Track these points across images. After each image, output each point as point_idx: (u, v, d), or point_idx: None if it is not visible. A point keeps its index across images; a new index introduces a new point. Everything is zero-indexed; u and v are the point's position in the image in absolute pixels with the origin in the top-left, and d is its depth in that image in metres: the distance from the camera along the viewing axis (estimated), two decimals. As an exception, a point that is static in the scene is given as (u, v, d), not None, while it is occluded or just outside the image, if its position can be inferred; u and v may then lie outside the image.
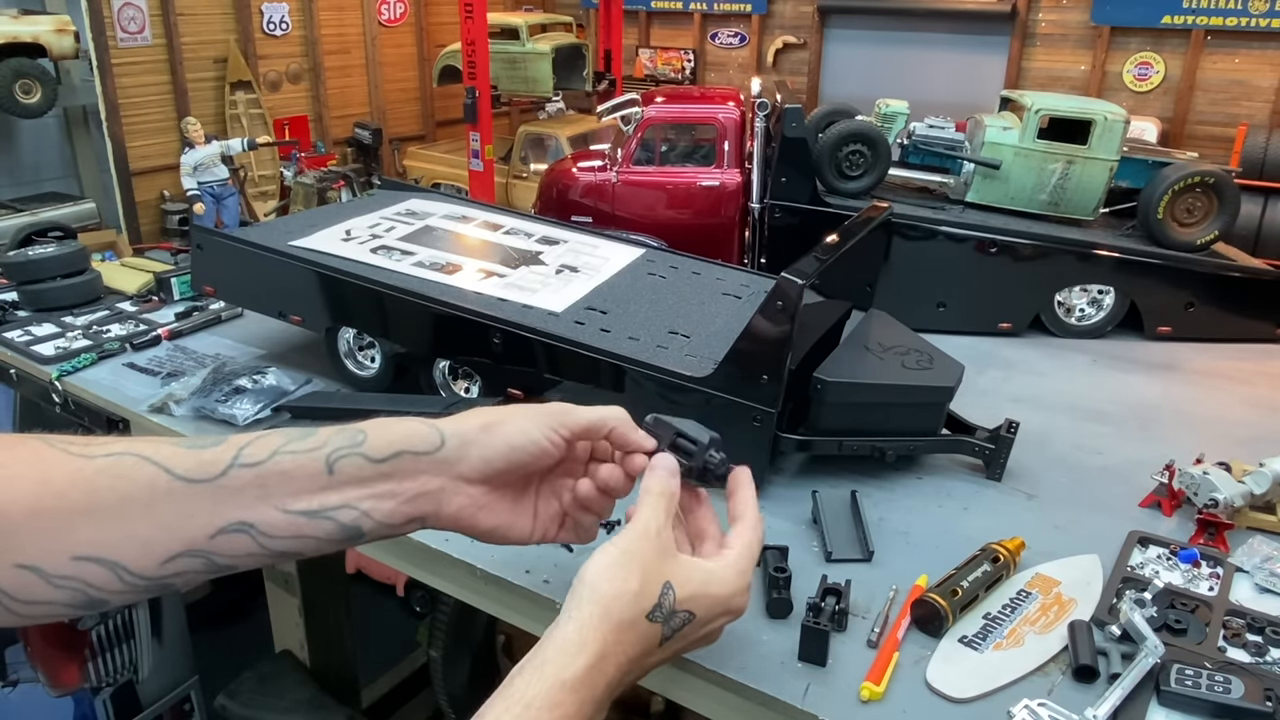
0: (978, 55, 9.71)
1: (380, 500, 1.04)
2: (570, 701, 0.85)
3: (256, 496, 0.98)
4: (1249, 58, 8.50)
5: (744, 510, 1.16)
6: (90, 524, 0.91)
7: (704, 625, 1.04)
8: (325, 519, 1.02)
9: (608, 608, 0.93)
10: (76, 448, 0.94)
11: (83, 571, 0.91)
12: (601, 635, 0.91)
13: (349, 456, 1.03)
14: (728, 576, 1.07)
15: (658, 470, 1.11)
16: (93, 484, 0.92)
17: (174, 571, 0.96)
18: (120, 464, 0.94)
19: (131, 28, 8.68)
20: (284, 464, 1.00)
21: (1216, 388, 2.66)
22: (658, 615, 0.97)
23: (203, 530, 0.96)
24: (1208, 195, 3.01)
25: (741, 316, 2.04)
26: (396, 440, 1.05)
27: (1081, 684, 1.41)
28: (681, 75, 11.45)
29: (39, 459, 0.92)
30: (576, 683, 0.86)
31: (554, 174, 3.94)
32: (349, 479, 1.02)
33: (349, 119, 10.69)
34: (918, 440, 2.02)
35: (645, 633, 0.96)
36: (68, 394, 2.50)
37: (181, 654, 3.66)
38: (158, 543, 0.94)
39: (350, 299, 2.27)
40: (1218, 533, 1.80)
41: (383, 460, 1.04)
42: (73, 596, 0.92)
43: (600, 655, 0.90)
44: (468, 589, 1.75)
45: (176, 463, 0.96)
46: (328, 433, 1.04)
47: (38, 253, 3.03)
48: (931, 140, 3.30)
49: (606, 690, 0.90)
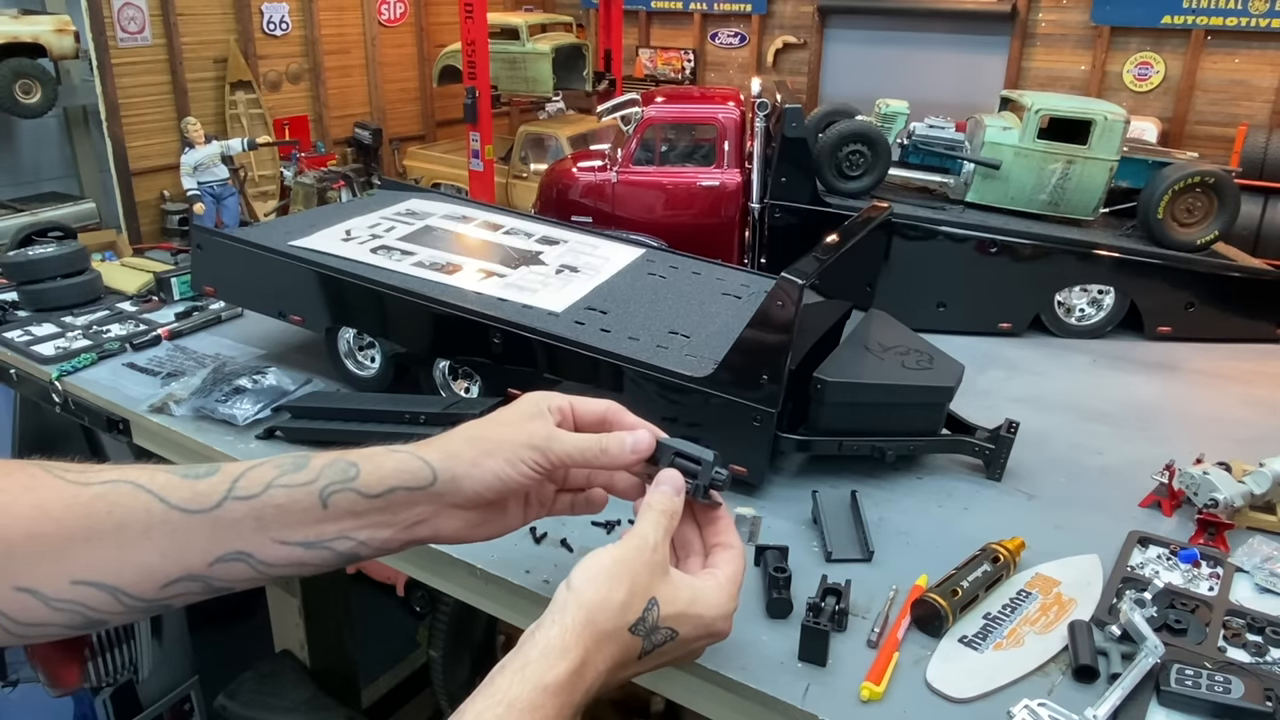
0: (978, 55, 9.70)
1: (376, 530, 1.07)
2: (551, 705, 0.86)
3: (253, 529, 1.00)
4: (1249, 58, 8.50)
5: (730, 538, 1.16)
6: (88, 549, 0.92)
7: (686, 644, 1.05)
8: (322, 548, 1.04)
9: (592, 615, 0.94)
10: (72, 474, 0.96)
11: (82, 595, 0.92)
12: (584, 643, 0.92)
13: (342, 491, 1.04)
14: (716, 600, 1.07)
15: (662, 486, 1.11)
16: (89, 509, 0.93)
17: (173, 594, 0.98)
18: (116, 491, 0.95)
19: (131, 28, 8.68)
20: (278, 498, 1.01)
21: (1216, 388, 2.66)
22: (640, 629, 0.97)
23: (201, 558, 0.98)
24: (1208, 195, 3.01)
25: (741, 316, 2.04)
26: (389, 476, 1.07)
27: (1081, 684, 1.41)
28: (681, 75, 11.44)
29: (35, 484, 0.93)
30: (558, 687, 0.87)
31: (554, 174, 3.94)
32: (343, 512, 1.05)
33: (349, 119, 10.70)
34: (918, 440, 2.02)
35: (625, 644, 0.96)
36: (68, 394, 2.49)
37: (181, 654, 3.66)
38: (156, 569, 0.96)
39: (350, 299, 2.27)
40: (1218, 533, 1.80)
41: (377, 495, 1.06)
42: (72, 619, 0.93)
43: (582, 662, 0.90)
44: (468, 589, 1.75)
45: (171, 491, 0.97)
46: (319, 465, 1.05)
47: (38, 253, 3.03)
48: (931, 140, 3.30)
49: (584, 696, 0.91)
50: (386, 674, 4.25)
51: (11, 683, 3.24)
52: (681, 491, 1.12)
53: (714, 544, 1.16)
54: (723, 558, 1.13)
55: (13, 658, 3.22)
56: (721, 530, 1.17)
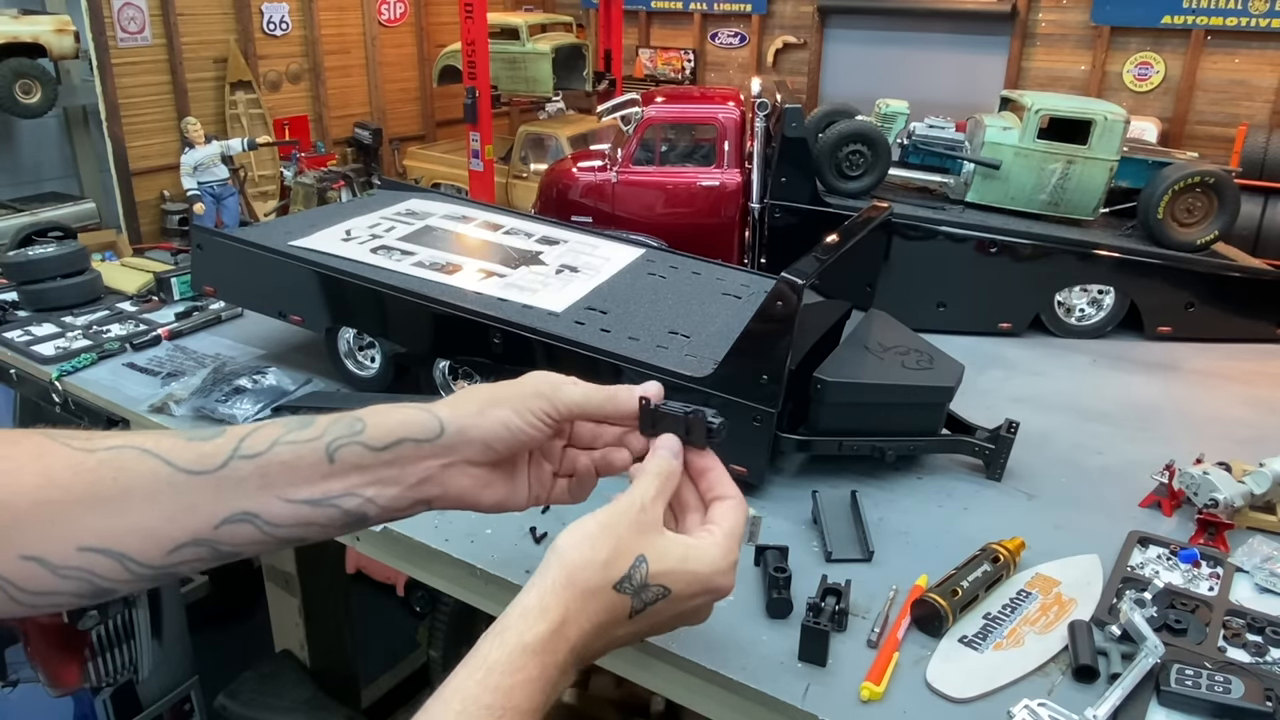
0: (978, 55, 9.70)
1: (384, 486, 1.05)
2: (533, 664, 0.85)
3: (259, 487, 0.99)
4: (1249, 58, 8.50)
5: (725, 489, 1.11)
6: (94, 516, 0.92)
7: (682, 602, 1.01)
8: (329, 506, 1.03)
9: (572, 575, 0.92)
10: (78, 442, 0.95)
11: (88, 562, 0.92)
12: (564, 601, 0.90)
13: (349, 445, 1.03)
14: (711, 555, 1.03)
15: (659, 451, 1.09)
16: (95, 476, 0.93)
17: (180, 560, 0.97)
18: (121, 457, 0.95)
19: (131, 28, 8.68)
20: (284, 454, 1.00)
21: (1216, 388, 2.66)
22: (626, 587, 0.94)
23: (207, 521, 0.97)
24: (1208, 195, 3.01)
25: (741, 316, 2.04)
26: (396, 428, 1.05)
27: (1081, 684, 1.41)
28: (681, 75, 11.44)
29: (41, 452, 0.93)
30: (538, 646, 0.86)
31: (554, 174, 3.93)
32: (350, 467, 1.03)
33: (349, 119, 10.69)
34: (918, 440, 2.02)
35: (611, 603, 0.93)
36: (68, 394, 2.49)
37: (181, 654, 3.65)
38: (163, 533, 0.95)
39: (350, 299, 2.27)
40: (1218, 533, 1.80)
41: (384, 448, 1.04)
42: (79, 586, 0.93)
43: (562, 620, 0.89)
44: (468, 589, 1.75)
45: (177, 455, 0.97)
46: (325, 421, 1.04)
47: (38, 253, 3.03)
48: (931, 140, 3.30)
49: (570, 655, 0.89)
50: (386, 674, 4.24)
51: (11, 683, 3.23)
52: (679, 455, 1.09)
53: (711, 498, 1.11)
54: (719, 511, 1.09)
55: (13, 658, 3.22)
56: (715, 482, 1.12)
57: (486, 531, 1.77)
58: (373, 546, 1.87)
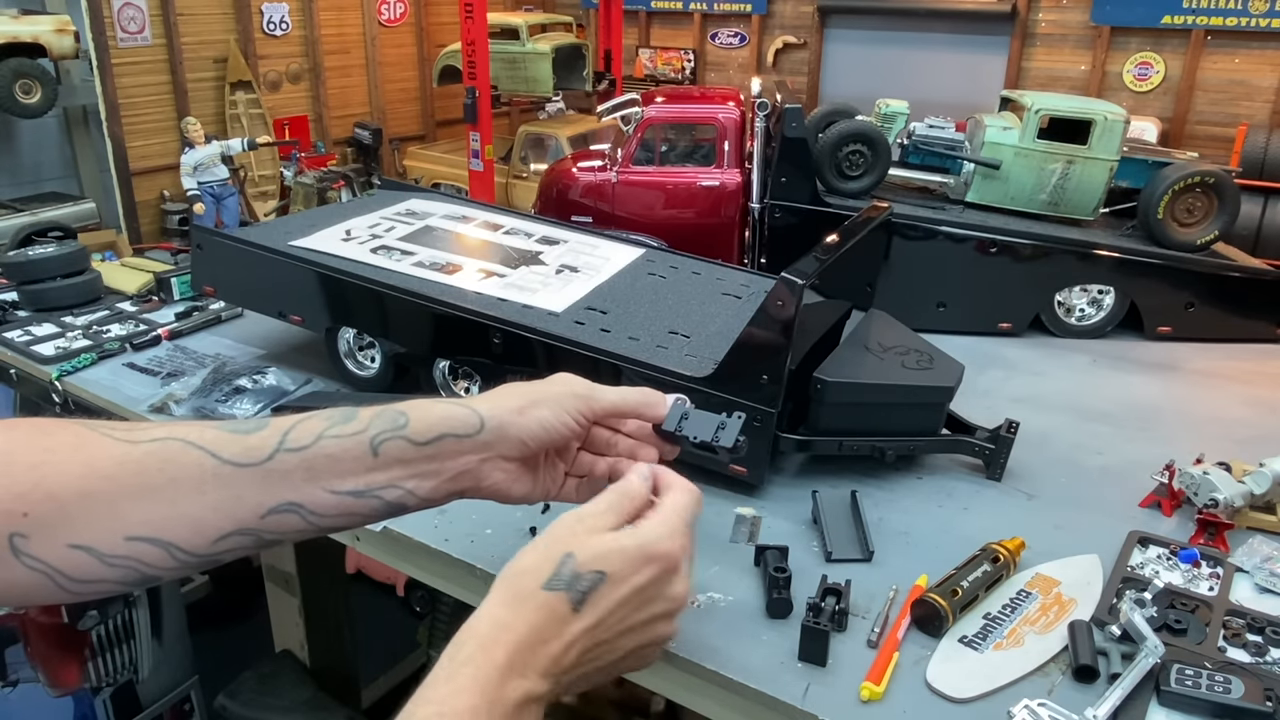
0: (978, 55, 9.70)
1: (424, 479, 1.09)
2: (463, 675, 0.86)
3: (304, 479, 1.02)
4: (1249, 58, 8.50)
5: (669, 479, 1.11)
6: (142, 505, 0.94)
7: (626, 582, 0.97)
8: (372, 497, 1.06)
9: (502, 586, 0.95)
10: (119, 433, 0.98)
11: (136, 551, 0.94)
12: (493, 611, 0.92)
13: (393, 439, 1.06)
14: (645, 527, 1.02)
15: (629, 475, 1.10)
16: (141, 466, 0.95)
17: (225, 549, 1.00)
18: (166, 448, 0.97)
19: (131, 28, 8.68)
20: (329, 448, 1.03)
21: (1216, 388, 2.66)
22: (557, 584, 0.94)
23: (253, 511, 1.00)
24: (1208, 195, 3.01)
25: (741, 316, 2.04)
26: (438, 423, 1.09)
27: (1081, 684, 1.41)
28: (681, 75, 11.44)
29: (81, 443, 0.95)
30: (465, 658, 0.88)
31: (554, 174, 3.93)
32: (393, 460, 1.06)
33: (349, 119, 10.69)
34: (918, 440, 2.02)
35: (545, 603, 0.93)
36: (68, 394, 2.50)
37: (181, 654, 3.66)
38: (209, 523, 0.98)
39: (350, 299, 2.27)
40: (1218, 533, 1.80)
41: (426, 443, 1.08)
42: (126, 574, 0.95)
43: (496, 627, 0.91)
44: (468, 589, 1.75)
45: (221, 447, 0.99)
46: (369, 415, 1.08)
47: (38, 253, 3.03)
48: (931, 140, 3.30)
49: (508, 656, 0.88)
50: (386, 674, 4.25)
51: (11, 683, 3.23)
52: (648, 480, 1.09)
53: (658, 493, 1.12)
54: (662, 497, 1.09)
55: (13, 658, 3.22)
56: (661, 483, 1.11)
57: (486, 531, 1.77)
58: (373, 546, 1.87)
